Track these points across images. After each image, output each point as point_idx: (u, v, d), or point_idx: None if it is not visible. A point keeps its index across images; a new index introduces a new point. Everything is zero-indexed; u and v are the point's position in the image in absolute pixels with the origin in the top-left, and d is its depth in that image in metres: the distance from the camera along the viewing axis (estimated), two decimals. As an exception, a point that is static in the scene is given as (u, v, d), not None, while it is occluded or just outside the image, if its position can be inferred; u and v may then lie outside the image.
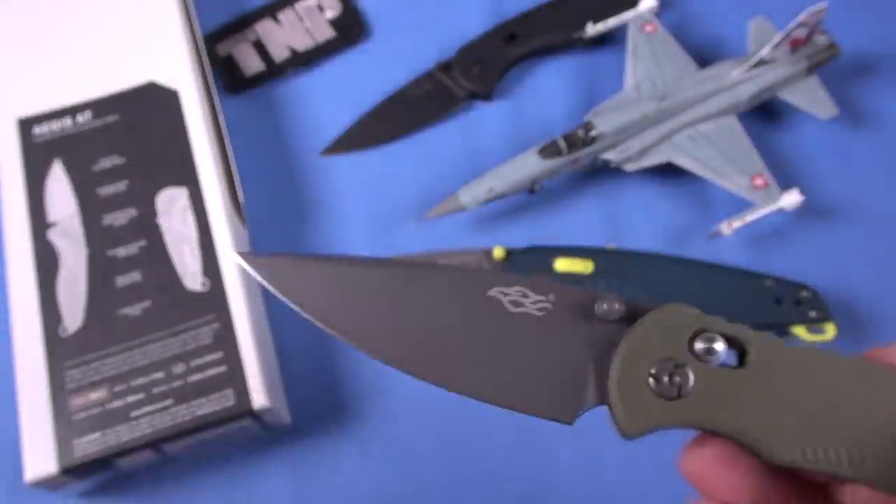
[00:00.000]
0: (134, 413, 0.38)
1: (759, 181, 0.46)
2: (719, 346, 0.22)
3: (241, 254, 0.24)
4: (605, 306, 0.24)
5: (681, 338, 0.23)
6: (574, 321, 0.24)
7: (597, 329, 0.24)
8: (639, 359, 0.23)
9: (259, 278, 0.24)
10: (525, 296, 0.24)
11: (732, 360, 0.23)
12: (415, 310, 0.24)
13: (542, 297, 0.24)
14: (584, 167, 0.48)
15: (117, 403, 0.38)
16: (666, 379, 0.22)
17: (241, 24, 0.56)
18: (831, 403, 0.22)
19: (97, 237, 0.43)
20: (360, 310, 0.24)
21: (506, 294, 0.24)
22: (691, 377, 0.22)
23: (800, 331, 0.44)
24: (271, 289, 0.24)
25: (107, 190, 0.44)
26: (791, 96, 0.50)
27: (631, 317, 0.24)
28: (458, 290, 0.24)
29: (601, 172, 0.50)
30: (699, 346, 0.22)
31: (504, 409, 0.23)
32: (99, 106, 0.47)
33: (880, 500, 0.22)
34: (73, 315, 0.40)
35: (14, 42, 0.49)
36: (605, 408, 0.23)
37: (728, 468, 0.23)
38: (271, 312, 0.46)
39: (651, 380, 0.22)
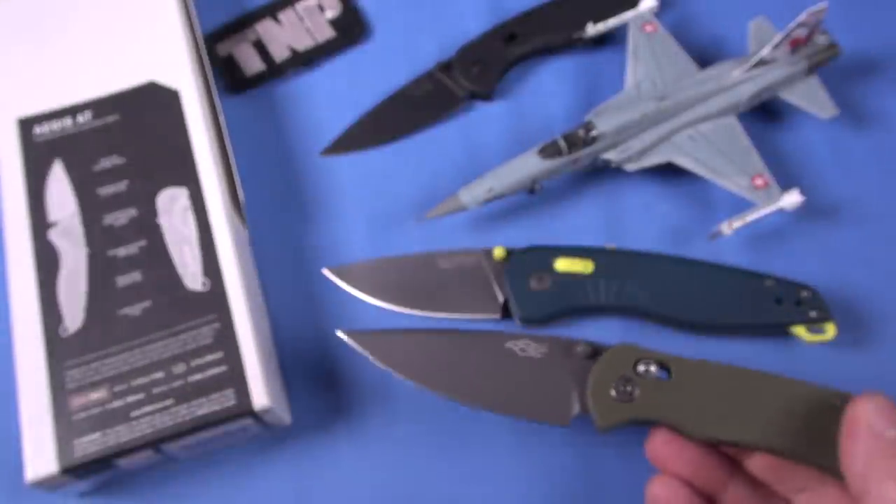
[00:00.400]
0: (134, 413, 0.38)
1: (759, 181, 0.46)
2: (653, 367, 0.36)
3: (347, 332, 0.40)
4: (579, 348, 0.38)
5: (629, 363, 0.36)
6: (561, 359, 0.38)
7: (576, 363, 0.37)
8: (603, 378, 0.36)
9: (362, 351, 0.39)
10: (528, 345, 0.38)
11: (663, 376, 0.36)
12: (458, 361, 0.38)
13: (540, 346, 0.38)
14: (584, 167, 0.48)
15: (117, 403, 0.38)
16: (622, 389, 0.35)
17: (242, 24, 0.56)
18: (729, 397, 0.34)
19: (97, 237, 0.43)
20: (425, 362, 0.39)
21: (516, 345, 0.38)
22: (637, 388, 0.35)
23: (800, 331, 0.44)
24: (368, 356, 0.39)
25: (107, 190, 0.44)
26: (791, 96, 0.50)
27: (595, 354, 0.37)
28: (484, 345, 0.39)
29: (601, 172, 0.50)
30: (640, 368, 0.36)
31: (520, 419, 0.38)
32: (99, 106, 0.47)
33: (772, 462, 0.36)
34: (73, 315, 0.41)
35: (14, 42, 0.49)
36: (586, 414, 0.36)
37: (672, 446, 0.35)
38: (271, 312, 0.46)
39: (612, 391, 0.35)
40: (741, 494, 0.36)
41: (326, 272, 0.47)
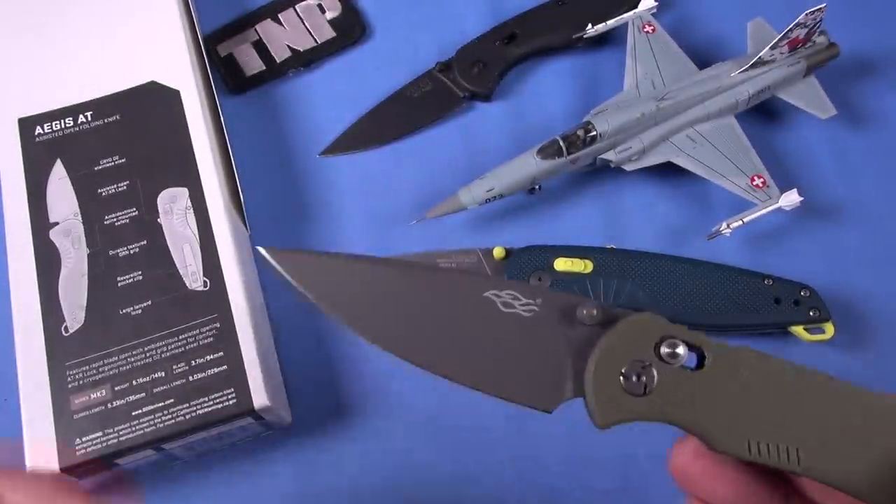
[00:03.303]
0: (135, 412, 0.38)
1: (758, 181, 0.46)
2: (681, 350, 0.25)
3: (267, 249, 0.27)
4: (584, 311, 0.26)
5: (648, 342, 0.26)
6: (557, 323, 0.27)
7: (577, 331, 0.27)
8: (611, 359, 0.26)
9: (282, 271, 0.27)
10: (516, 298, 0.27)
11: (692, 364, 0.26)
12: (416, 305, 0.27)
13: (531, 301, 0.27)
14: (583, 167, 0.48)
15: (118, 403, 0.38)
16: (634, 378, 0.26)
17: (242, 24, 0.56)
18: (776, 405, 0.25)
19: (98, 237, 0.43)
20: (367, 303, 0.27)
21: (498, 296, 0.27)
22: (656, 377, 0.25)
23: (799, 330, 0.44)
24: (293, 281, 0.26)
25: (108, 190, 0.44)
26: (790, 96, 0.50)
27: (607, 322, 0.27)
28: (457, 291, 0.27)
29: (601, 172, 0.50)
30: (664, 350, 0.26)
31: (490, 395, 0.27)
32: (100, 106, 0.47)
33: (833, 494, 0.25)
34: (74, 314, 0.41)
35: (14, 42, 0.49)
36: (581, 400, 0.26)
37: (705, 462, 0.26)
38: (272, 312, 0.46)
39: (621, 378, 0.26)
40: None
41: (326, 272, 0.47)
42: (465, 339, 0.27)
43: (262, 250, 0.27)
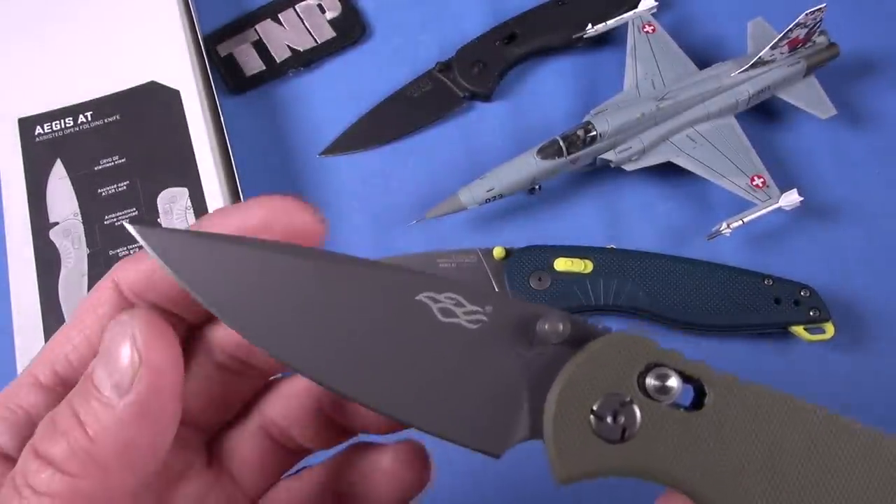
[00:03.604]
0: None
1: (757, 181, 0.46)
2: (673, 382, 0.19)
3: (136, 224, 0.21)
4: (546, 326, 0.20)
5: (631, 370, 0.20)
6: (511, 339, 0.20)
7: (537, 351, 0.20)
8: (580, 391, 0.20)
9: (150, 252, 0.20)
10: (458, 304, 0.21)
11: (687, 401, 0.20)
12: (328, 309, 0.20)
13: (478, 308, 0.21)
14: (583, 167, 0.48)
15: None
16: (609, 418, 0.19)
17: (242, 24, 0.56)
18: (796, 463, 0.19)
19: (98, 237, 0.43)
20: (260, 300, 0.20)
21: (436, 300, 0.21)
22: (638, 417, 0.19)
23: (799, 330, 0.44)
24: (164, 266, 0.20)
25: (108, 190, 0.44)
26: (790, 96, 0.50)
27: (577, 340, 0.20)
28: (381, 291, 0.21)
29: (601, 172, 0.50)
30: (651, 381, 0.20)
31: (422, 432, 0.20)
32: (100, 106, 0.47)
33: None
34: (74, 315, 0.41)
35: (14, 42, 0.49)
36: (539, 442, 0.20)
37: None
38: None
39: (592, 416, 0.19)
40: None
41: (326, 272, 0.47)
42: (389, 356, 0.20)
43: (128, 226, 0.21)
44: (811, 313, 0.44)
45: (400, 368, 0.20)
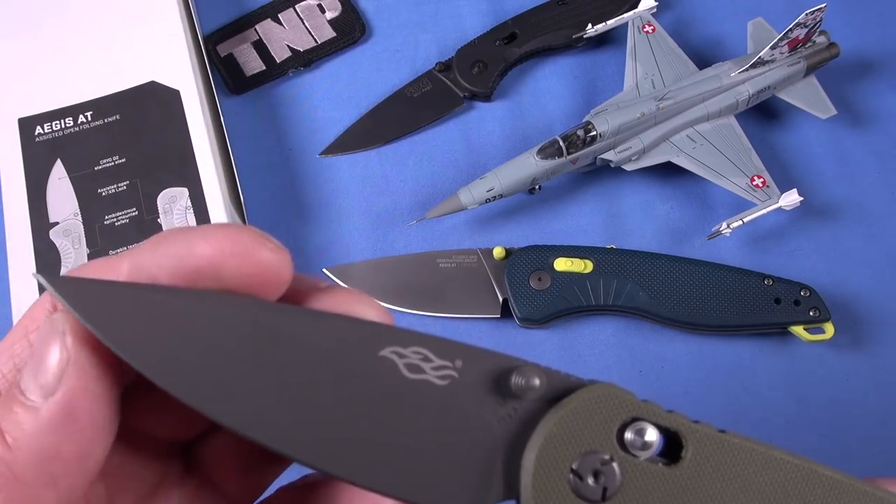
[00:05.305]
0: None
1: (758, 181, 0.46)
2: (652, 437, 0.19)
3: (43, 273, 0.19)
4: (522, 381, 0.19)
5: (609, 426, 0.19)
6: (484, 395, 0.20)
7: (511, 406, 0.20)
8: (559, 449, 0.19)
9: (63, 303, 0.18)
10: (426, 359, 0.20)
11: (658, 453, 0.20)
12: (279, 368, 0.19)
13: (447, 363, 0.20)
14: (583, 167, 0.48)
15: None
16: (590, 478, 0.19)
17: (242, 24, 0.56)
18: None
19: (98, 237, 0.43)
20: (204, 362, 0.18)
21: (401, 355, 0.19)
22: (618, 476, 0.19)
23: (798, 330, 0.44)
24: (79, 318, 0.18)
25: (108, 190, 0.44)
26: (790, 96, 0.50)
27: (554, 395, 0.20)
28: (341, 347, 0.19)
29: (601, 172, 0.50)
30: (629, 436, 0.19)
31: (388, 497, 0.19)
32: (100, 106, 0.47)
33: None
34: (74, 314, 0.41)
35: (14, 42, 0.49)
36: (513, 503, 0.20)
37: None
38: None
39: (572, 476, 0.19)
40: None
41: (326, 272, 0.47)
42: (352, 418, 0.19)
43: (36, 276, 0.18)
44: (811, 313, 0.44)
45: (364, 431, 0.19)
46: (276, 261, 0.19)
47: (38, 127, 0.46)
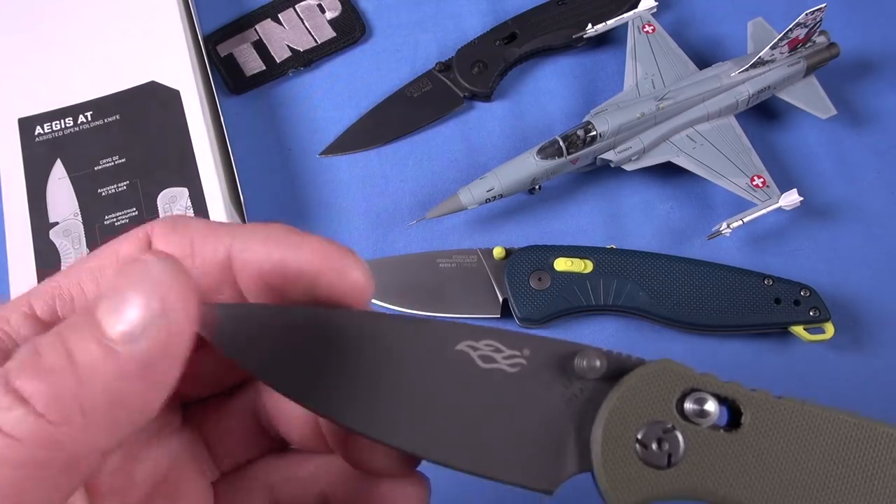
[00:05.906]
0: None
1: (758, 181, 0.46)
2: (711, 406, 0.21)
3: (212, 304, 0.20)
4: (584, 363, 0.21)
5: (669, 397, 0.21)
6: (551, 378, 0.22)
7: (577, 387, 0.22)
8: (624, 422, 0.21)
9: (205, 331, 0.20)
10: (497, 350, 0.22)
11: (723, 421, 0.21)
12: (375, 365, 0.21)
13: (516, 352, 0.22)
14: (583, 167, 0.48)
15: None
16: (654, 445, 0.21)
17: (242, 24, 0.56)
18: (836, 471, 0.20)
19: (98, 237, 0.43)
20: (314, 364, 0.21)
21: (475, 348, 0.22)
22: (682, 443, 0.21)
23: (799, 330, 0.44)
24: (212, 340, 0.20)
25: (108, 190, 0.44)
26: (790, 96, 0.50)
27: (614, 373, 0.21)
28: (424, 344, 0.22)
29: (601, 172, 0.50)
30: (689, 406, 0.21)
31: (475, 476, 0.21)
32: (100, 106, 0.47)
33: None
34: (74, 315, 0.41)
35: (14, 42, 0.49)
36: (589, 475, 0.21)
37: None
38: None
39: (638, 445, 0.21)
40: None
41: (326, 272, 0.47)
42: (437, 405, 0.21)
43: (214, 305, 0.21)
44: (811, 313, 0.44)
45: (448, 417, 0.21)
46: (365, 282, 0.21)
47: (38, 127, 0.46)
